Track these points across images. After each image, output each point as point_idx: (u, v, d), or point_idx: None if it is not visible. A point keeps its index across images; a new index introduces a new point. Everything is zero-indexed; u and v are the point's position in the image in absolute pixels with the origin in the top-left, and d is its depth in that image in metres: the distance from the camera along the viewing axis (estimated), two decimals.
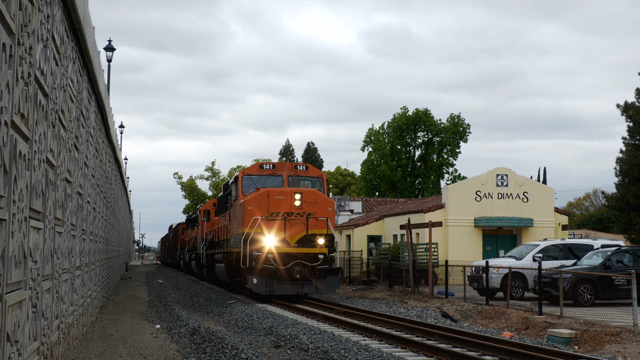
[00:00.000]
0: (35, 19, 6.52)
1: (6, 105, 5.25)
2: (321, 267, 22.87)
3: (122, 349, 11.90)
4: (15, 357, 6.01)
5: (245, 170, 25.52)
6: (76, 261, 11.91)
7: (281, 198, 22.92)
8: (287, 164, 25.25)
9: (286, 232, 22.78)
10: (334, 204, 24.19)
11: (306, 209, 22.96)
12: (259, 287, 22.41)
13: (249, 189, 24.51)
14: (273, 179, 24.63)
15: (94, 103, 15.09)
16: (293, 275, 22.58)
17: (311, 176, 25.24)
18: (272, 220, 22.82)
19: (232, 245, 25.57)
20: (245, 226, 22.84)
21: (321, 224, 23.13)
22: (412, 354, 12.18)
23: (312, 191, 23.57)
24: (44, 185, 7.72)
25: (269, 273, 22.45)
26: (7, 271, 5.45)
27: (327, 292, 23.63)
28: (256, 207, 22.89)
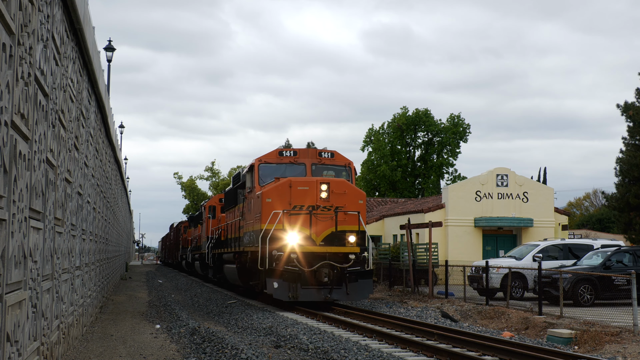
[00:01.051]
0: (35, 19, 6.52)
1: (6, 105, 5.25)
2: (352, 269, 19.91)
3: (122, 349, 11.90)
4: (15, 357, 6.01)
5: (262, 157, 21.91)
6: (76, 261, 11.91)
7: (305, 189, 19.97)
8: (310, 151, 21.87)
9: (312, 229, 19.88)
10: (365, 196, 21.21)
11: (334, 202, 20.04)
12: (281, 292, 19.47)
13: (267, 179, 21.43)
14: (294, 167, 21.50)
15: (94, 103, 15.09)
16: (320, 278, 19.60)
17: (337, 164, 22.08)
18: (295, 215, 19.92)
19: (246, 244, 22.66)
20: (264, 221, 19.93)
21: (351, 219, 20.22)
22: (412, 354, 12.18)
23: (341, 181, 20.57)
24: (44, 185, 7.72)
25: (292, 276, 19.53)
26: (7, 271, 5.45)
27: (359, 298, 20.50)
28: (276, 200, 19.95)
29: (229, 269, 26.59)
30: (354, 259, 19.91)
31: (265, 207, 20.07)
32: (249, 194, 22.74)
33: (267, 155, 22.02)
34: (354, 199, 20.42)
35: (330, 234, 20.02)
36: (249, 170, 22.63)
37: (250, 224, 22.19)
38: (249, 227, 22.32)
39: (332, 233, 20.00)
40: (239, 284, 25.49)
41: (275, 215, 19.76)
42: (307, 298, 19.66)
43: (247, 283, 23.53)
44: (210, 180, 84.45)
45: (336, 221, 19.94)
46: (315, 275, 19.62)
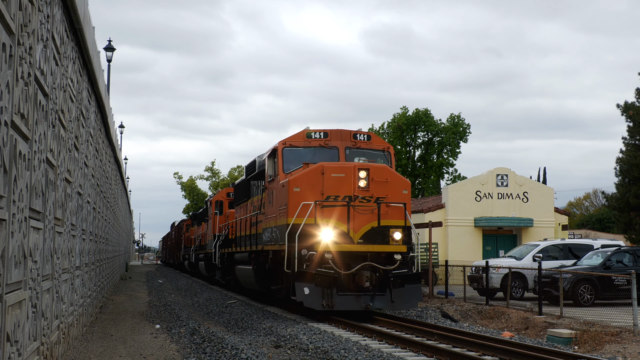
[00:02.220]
0: (35, 19, 6.52)
1: (6, 105, 5.25)
2: (398, 271, 16.78)
3: (122, 349, 11.90)
4: (15, 357, 6.01)
5: (287, 140, 18.63)
6: (76, 261, 11.91)
7: (340, 176, 16.97)
8: (343, 132, 18.62)
9: (349, 223, 16.86)
10: (410, 186, 18.02)
11: (374, 192, 17.00)
12: (313, 299, 16.25)
13: (293, 166, 18.25)
14: (324, 152, 18.31)
15: (94, 103, 15.09)
16: (360, 283, 16.51)
17: (374, 149, 18.81)
18: (328, 207, 16.86)
19: (266, 242, 19.35)
20: (291, 215, 16.89)
21: (395, 213, 17.15)
22: (412, 354, 12.18)
23: (383, 167, 17.46)
24: (44, 185, 7.72)
25: (327, 280, 16.35)
26: (7, 271, 5.45)
27: (406, 306, 17.31)
28: (306, 189, 16.93)
29: (243, 271, 23.28)
30: (400, 259, 16.76)
31: (292, 197, 17.04)
32: (270, 183, 19.37)
33: (292, 137, 18.65)
34: (398, 189, 17.36)
35: (370, 230, 16.94)
36: (271, 155, 19.21)
37: (271, 218, 19.01)
38: (270, 222, 19.09)
39: (372, 229, 16.93)
40: (255, 288, 22.26)
41: (305, 207, 16.68)
42: (344, 307, 16.48)
43: (266, 287, 20.34)
44: (210, 180, 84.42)
45: (379, 214, 16.80)
46: (355, 279, 16.57)
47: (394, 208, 17.15)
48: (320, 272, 16.26)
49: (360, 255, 16.71)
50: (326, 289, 16.36)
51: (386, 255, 16.93)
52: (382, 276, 16.72)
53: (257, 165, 22.29)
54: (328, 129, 18.57)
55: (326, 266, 16.31)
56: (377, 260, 16.70)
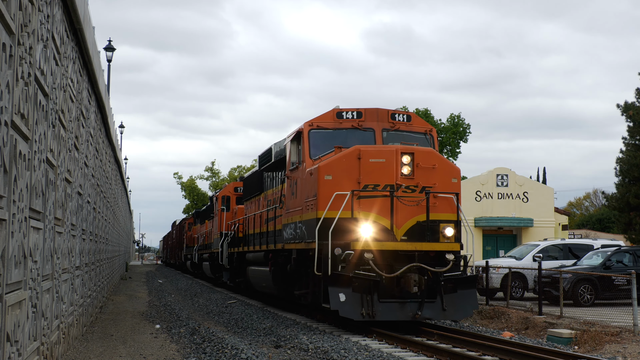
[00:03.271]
0: (35, 19, 6.52)
1: (6, 105, 5.25)
2: (450, 274, 14.36)
3: (122, 348, 11.90)
4: (15, 357, 6.01)
5: (314, 121, 16.06)
6: (76, 261, 11.91)
7: (380, 162, 14.59)
8: (380, 112, 16.17)
9: (392, 217, 14.42)
10: (460, 173, 15.57)
11: (420, 180, 14.61)
12: (350, 307, 13.75)
13: (321, 150, 15.81)
14: (358, 134, 15.85)
15: (94, 103, 15.10)
16: (407, 288, 14.08)
17: (415, 131, 16.34)
18: (367, 198, 14.48)
19: (288, 240, 16.94)
20: (321, 207, 14.47)
21: (444, 205, 14.80)
22: (412, 354, 12.18)
23: (429, 151, 15.06)
24: (44, 185, 7.72)
25: (366, 285, 13.87)
26: (7, 271, 5.45)
27: (461, 315, 14.68)
28: (340, 177, 14.54)
29: (258, 273, 20.94)
30: (452, 260, 14.34)
31: (323, 187, 14.59)
32: (292, 172, 16.89)
33: (320, 117, 16.16)
34: (446, 177, 14.94)
35: (415, 226, 14.54)
36: (294, 139, 16.63)
37: (295, 212, 16.50)
38: (293, 216, 16.59)
39: (417, 224, 14.54)
40: (272, 293, 19.96)
41: (339, 198, 14.24)
42: (387, 316, 13.98)
43: (287, 292, 18.11)
44: (210, 180, 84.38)
45: (428, 207, 14.46)
46: (400, 283, 14.15)
47: (442, 199, 14.77)
48: (359, 275, 13.78)
49: (407, 255, 14.27)
50: (366, 295, 13.82)
51: (436, 254, 14.53)
52: (431, 280, 14.29)
53: (274, 153, 19.84)
54: (362, 108, 16.13)
55: (365, 268, 13.86)
56: (425, 261, 14.27)
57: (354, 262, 13.97)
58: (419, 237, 14.46)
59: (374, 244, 14.08)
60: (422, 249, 14.34)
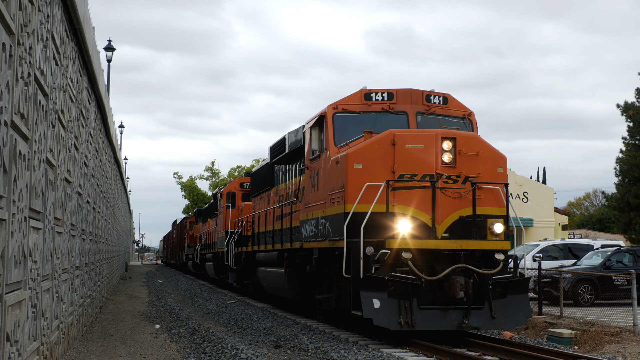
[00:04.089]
0: (35, 19, 6.52)
1: (6, 105, 5.25)
2: (500, 276, 12.58)
3: (122, 348, 11.90)
4: (15, 357, 6.01)
5: (339, 103, 14.36)
6: (76, 261, 11.91)
7: (418, 148, 12.88)
8: (414, 93, 14.42)
9: (434, 211, 12.63)
10: (506, 162, 13.70)
11: (463, 169, 12.91)
12: (387, 315, 11.93)
13: (348, 136, 14.11)
14: (389, 118, 14.16)
15: (94, 103, 15.10)
16: (452, 292, 12.20)
17: (453, 115, 14.64)
18: (403, 190, 12.71)
19: (308, 237, 15.21)
20: (350, 200, 12.79)
21: (490, 197, 13.12)
22: (412, 354, 12.17)
23: (473, 136, 13.45)
24: (44, 185, 7.72)
25: (404, 289, 12.04)
26: (7, 271, 5.45)
27: (511, 324, 12.96)
28: (372, 165, 12.87)
29: (271, 274, 19.35)
30: (503, 260, 12.63)
31: (352, 177, 12.93)
32: (313, 161, 15.16)
33: (345, 99, 14.42)
34: (492, 165, 13.28)
35: (457, 221, 12.82)
36: (316, 124, 14.81)
37: (316, 206, 14.75)
38: (315, 211, 14.83)
39: (460, 219, 12.82)
40: (287, 296, 18.32)
41: (371, 189, 12.55)
42: (429, 325, 12.20)
43: (305, 296, 16.60)
44: (210, 180, 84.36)
45: (474, 199, 12.78)
46: (443, 287, 12.35)
47: (487, 191, 13.06)
48: (395, 278, 11.95)
49: (452, 255, 12.53)
50: (403, 301, 12.02)
51: (483, 254, 12.84)
52: (478, 283, 12.52)
53: (288, 144, 17.82)
54: (393, 89, 14.40)
55: (402, 270, 12.12)
56: (470, 262, 12.53)
57: (389, 263, 12.23)
58: (463, 234, 12.72)
59: (413, 241, 12.32)
60: (468, 248, 12.59)
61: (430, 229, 12.62)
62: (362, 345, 12.69)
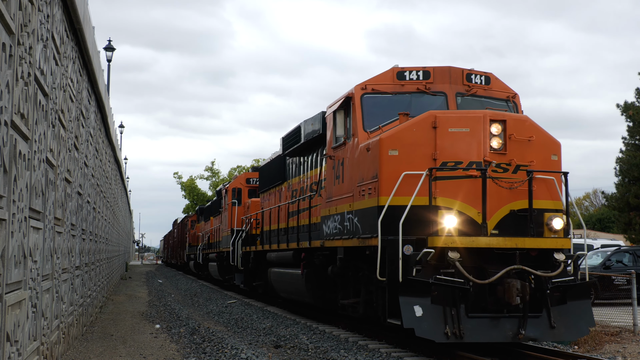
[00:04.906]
0: (35, 19, 6.52)
1: (6, 105, 5.25)
2: (559, 279, 10.92)
3: (122, 348, 11.91)
4: (15, 357, 6.01)
5: (368, 83, 12.74)
6: (76, 261, 11.92)
7: (463, 132, 11.24)
8: (453, 71, 12.83)
9: (484, 205, 10.90)
10: (561, 148, 12.09)
11: (514, 156, 11.25)
12: (431, 324, 10.28)
13: (378, 120, 12.43)
14: (425, 100, 12.56)
15: (94, 103, 15.10)
16: (508, 298, 10.45)
17: (496, 97, 13.04)
18: (446, 180, 11.10)
19: (331, 235, 13.61)
20: (384, 191, 11.14)
21: (544, 189, 11.43)
22: (412, 354, 12.17)
23: (524, 119, 11.67)
24: (44, 185, 7.72)
25: (451, 294, 10.38)
26: (7, 271, 5.45)
27: (574, 334, 11.56)
28: (409, 152, 11.23)
29: (284, 276, 17.86)
30: (564, 261, 10.97)
31: (387, 165, 11.29)
32: (337, 149, 13.52)
33: (375, 79, 12.80)
34: (545, 152, 11.65)
35: (508, 215, 11.18)
36: (341, 107, 13.16)
37: (341, 200, 13.17)
38: (339, 205, 13.30)
39: (511, 213, 11.18)
40: (303, 300, 16.76)
41: (409, 180, 10.92)
42: (479, 337, 10.56)
43: (327, 300, 15.17)
44: (210, 180, 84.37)
45: (530, 191, 11.11)
46: (496, 292, 10.60)
47: (540, 182, 11.37)
48: (440, 282, 10.29)
49: (505, 254, 10.79)
50: (449, 309, 10.36)
51: (539, 254, 11.10)
52: (534, 287, 10.84)
53: (304, 133, 16.14)
54: (429, 67, 12.85)
55: (447, 272, 10.47)
56: (527, 262, 10.84)
57: (432, 264, 10.53)
58: (514, 231, 11.06)
59: (460, 239, 10.61)
60: (524, 247, 10.86)
61: (477, 224, 10.95)
62: (362, 345, 12.69)
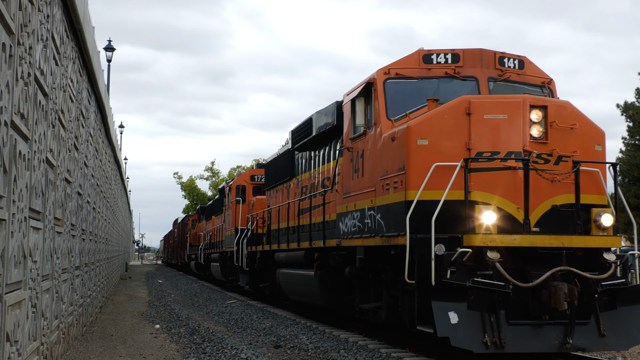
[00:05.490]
0: (35, 19, 6.52)
1: (6, 105, 5.25)
2: (609, 282, 9.87)
3: (122, 348, 11.91)
4: (15, 357, 6.02)
5: (392, 67, 11.65)
6: (76, 261, 11.92)
7: (500, 119, 10.15)
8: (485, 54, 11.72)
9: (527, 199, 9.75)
10: (605, 138, 10.93)
11: (556, 146, 10.15)
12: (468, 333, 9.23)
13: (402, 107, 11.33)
14: (454, 85, 11.50)
15: (94, 103, 15.11)
16: (555, 303, 9.31)
17: (530, 83, 11.92)
18: (483, 172, 10.03)
19: (350, 233, 12.55)
20: (414, 184, 10.08)
21: (589, 182, 10.37)
22: (412, 354, 12.17)
23: (566, 105, 10.54)
24: (44, 185, 7.73)
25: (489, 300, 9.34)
26: (6, 271, 5.45)
27: (625, 344, 9.96)
28: (441, 141, 10.20)
29: (295, 277, 16.79)
30: (614, 262, 9.91)
31: (416, 155, 10.23)
32: (355, 140, 12.48)
33: (399, 63, 11.72)
34: (589, 142, 10.57)
35: (550, 211, 10.02)
36: (361, 94, 12.12)
37: (361, 195, 12.12)
38: (359, 201, 12.22)
39: (553, 209, 10.02)
40: (316, 303, 15.74)
41: (441, 171, 9.88)
42: (522, 346, 9.44)
43: (343, 304, 14.29)
44: (210, 180, 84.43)
45: (577, 184, 10.09)
46: (541, 296, 9.49)
47: (585, 174, 10.28)
48: (477, 285, 9.30)
49: (541, 254, 9.71)
50: (488, 315, 9.34)
51: (586, 253, 9.97)
52: (581, 291, 9.68)
53: (316, 125, 15.22)
54: (458, 49, 11.74)
55: (484, 273, 9.44)
56: (574, 263, 9.75)
57: (469, 265, 9.47)
58: (557, 229, 9.95)
59: (500, 237, 9.49)
60: (571, 245, 9.76)
61: (516, 222, 9.86)
62: (362, 345, 12.69)
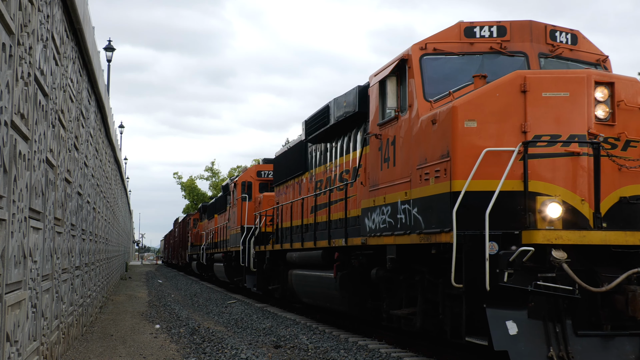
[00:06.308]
0: (35, 19, 6.52)
1: (6, 105, 5.25)
2: None
3: (122, 348, 11.91)
4: (15, 357, 6.02)
5: (429, 41, 10.20)
6: (76, 261, 11.93)
7: (561, 97, 8.74)
8: (535, 26, 10.35)
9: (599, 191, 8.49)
10: None
11: (623, 129, 8.79)
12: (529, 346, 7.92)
13: (441, 87, 9.93)
14: (500, 61, 10.06)
15: (94, 103, 15.11)
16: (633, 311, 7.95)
17: (584, 60, 10.86)
18: (541, 158, 8.60)
19: (378, 231, 11.17)
20: (460, 173, 8.67)
21: None
22: (412, 354, 12.17)
23: (634, 81, 9.39)
24: (44, 185, 7.73)
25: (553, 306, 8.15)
26: (6, 271, 5.46)
27: None
28: (491, 123, 8.78)
29: (311, 279, 15.37)
30: None
31: (462, 139, 8.82)
32: (385, 126, 11.10)
33: (437, 37, 10.29)
34: None
35: (617, 203, 8.70)
36: (392, 73, 10.57)
37: (393, 187, 10.69)
38: (389, 194, 10.82)
39: (620, 201, 8.71)
40: (336, 308, 14.23)
41: (492, 158, 8.59)
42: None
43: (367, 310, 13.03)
44: (210, 180, 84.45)
45: None
46: (614, 302, 8.19)
47: None
48: (540, 288, 8.05)
49: (612, 253, 8.50)
50: (552, 324, 8.16)
51: None
52: None
53: (335, 114, 13.93)
54: (505, 21, 10.37)
55: (546, 276, 8.16)
56: None
57: (529, 267, 8.17)
58: (625, 223, 8.65)
59: (568, 234, 8.23)
60: None
61: (581, 216, 8.54)
62: (361, 345, 12.69)
